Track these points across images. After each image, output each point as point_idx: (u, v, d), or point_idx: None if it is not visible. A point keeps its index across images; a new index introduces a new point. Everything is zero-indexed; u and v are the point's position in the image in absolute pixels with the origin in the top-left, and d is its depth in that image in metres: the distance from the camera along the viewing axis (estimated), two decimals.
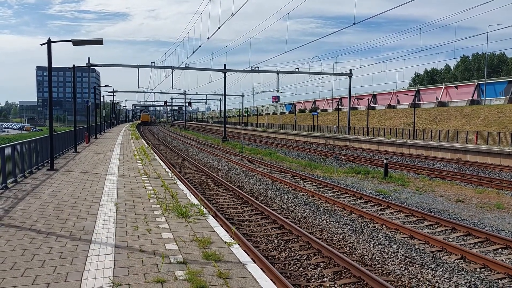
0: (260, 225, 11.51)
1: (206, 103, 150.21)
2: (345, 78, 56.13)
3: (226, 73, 50.35)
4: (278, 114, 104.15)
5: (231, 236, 7.24)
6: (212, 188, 17.22)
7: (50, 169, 15.86)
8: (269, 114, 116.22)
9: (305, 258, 8.82)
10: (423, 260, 8.58)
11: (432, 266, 8.26)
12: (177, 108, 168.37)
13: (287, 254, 9.09)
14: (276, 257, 8.95)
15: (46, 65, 16.04)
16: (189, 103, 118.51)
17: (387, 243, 9.68)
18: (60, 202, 9.89)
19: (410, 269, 8.19)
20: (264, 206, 12.93)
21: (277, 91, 57.45)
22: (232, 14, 30.10)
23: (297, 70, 52.12)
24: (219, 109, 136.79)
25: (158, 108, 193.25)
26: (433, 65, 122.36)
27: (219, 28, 33.80)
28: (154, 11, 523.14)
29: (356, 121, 67.71)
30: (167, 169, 16.49)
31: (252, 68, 49.65)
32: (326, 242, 10.02)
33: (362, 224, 11.48)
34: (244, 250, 7.10)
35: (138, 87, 54.62)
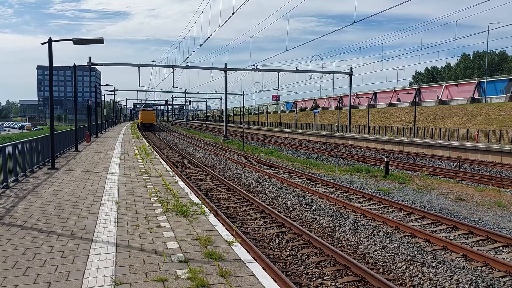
0: (261, 223, 11.51)
1: (206, 101, 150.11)
2: (346, 77, 56.14)
3: (227, 72, 50.33)
4: (279, 112, 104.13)
5: (232, 235, 7.24)
6: (213, 186, 17.22)
7: (51, 168, 15.87)
8: (269, 112, 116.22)
9: (306, 256, 8.82)
10: (424, 258, 8.58)
11: (433, 264, 8.26)
12: (177, 107, 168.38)
13: (288, 253, 9.09)
14: (277, 255, 8.96)
15: (47, 64, 16.04)
16: (190, 102, 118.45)
17: (388, 241, 9.68)
18: (61, 201, 9.90)
19: (411, 267, 8.19)
20: (265, 205, 12.94)
21: (278, 89, 57.50)
22: (233, 13, 30.08)
23: (297, 68, 52.10)
24: (219, 107, 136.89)
25: (159, 107, 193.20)
26: (433, 63, 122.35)
27: (219, 27, 33.80)
28: (155, 10, 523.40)
29: (356, 119, 67.71)
30: (168, 168, 16.50)
31: (253, 67, 49.64)
32: (327, 240, 10.02)
33: (363, 223, 11.48)
34: (245, 249, 7.08)
35: (139, 86, 54.87)
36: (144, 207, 9.21)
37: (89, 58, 43.53)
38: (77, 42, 14.72)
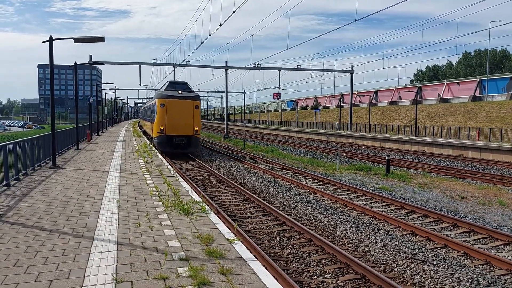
0: (262, 222, 11.51)
1: (207, 100, 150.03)
2: (347, 75, 56.06)
3: (228, 70, 50.32)
4: (280, 111, 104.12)
5: (233, 233, 7.25)
6: (214, 185, 17.22)
7: (52, 167, 15.89)
8: (270, 111, 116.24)
9: (307, 254, 8.82)
10: (425, 256, 8.58)
11: (434, 262, 8.26)
12: None
13: (289, 251, 9.09)
14: (278, 254, 8.96)
15: (48, 62, 16.04)
16: None
17: (389, 239, 9.67)
18: (63, 199, 9.91)
19: (412, 265, 8.19)
20: (266, 203, 12.93)
21: (279, 88, 57.35)
22: (234, 11, 30.02)
23: (298, 67, 52.04)
24: (220, 106, 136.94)
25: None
26: (435, 61, 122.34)
27: (220, 25, 33.75)
28: (156, 9, 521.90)
29: (358, 118, 67.66)
30: (169, 166, 16.51)
31: (254, 65, 49.60)
32: (328, 238, 10.02)
33: (364, 221, 11.48)
34: (246, 247, 7.09)
35: (140, 84, 54.93)
36: (145, 205, 9.22)
37: (90, 56, 43.60)
38: (78, 40, 14.72)
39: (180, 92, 26.32)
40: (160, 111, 25.66)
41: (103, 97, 59.51)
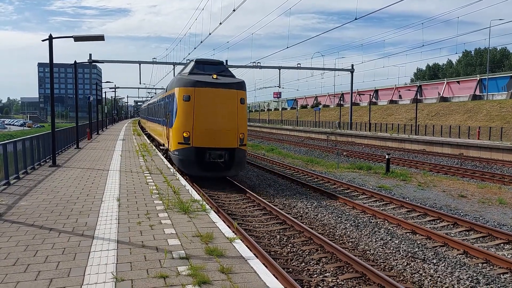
0: (262, 220, 11.51)
1: None
2: (347, 74, 56.12)
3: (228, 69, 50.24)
4: (280, 110, 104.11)
5: (233, 232, 7.25)
6: (213, 184, 17.20)
7: (52, 165, 15.89)
8: (270, 110, 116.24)
9: (307, 253, 8.82)
10: (425, 255, 8.59)
11: (434, 261, 8.27)
12: None
13: (289, 250, 9.09)
14: (279, 252, 8.96)
15: (47, 61, 16.02)
16: None
17: (389, 238, 9.68)
18: (63, 198, 9.91)
19: (412, 264, 8.19)
20: (266, 202, 12.93)
21: (279, 86, 57.33)
22: (234, 10, 29.99)
23: (299, 65, 52.02)
24: None
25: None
26: (435, 60, 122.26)
27: (220, 24, 33.75)
28: (156, 7, 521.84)
29: (358, 116, 67.67)
30: (169, 165, 16.50)
31: (254, 64, 49.57)
32: (328, 237, 10.03)
33: (364, 220, 11.49)
34: (246, 246, 7.10)
35: (140, 83, 55.01)
36: (145, 204, 9.21)
37: (90, 55, 43.69)
38: (77, 39, 14.71)
39: (214, 76, 16.30)
40: (183, 107, 15.91)
41: (103, 96, 59.47)
